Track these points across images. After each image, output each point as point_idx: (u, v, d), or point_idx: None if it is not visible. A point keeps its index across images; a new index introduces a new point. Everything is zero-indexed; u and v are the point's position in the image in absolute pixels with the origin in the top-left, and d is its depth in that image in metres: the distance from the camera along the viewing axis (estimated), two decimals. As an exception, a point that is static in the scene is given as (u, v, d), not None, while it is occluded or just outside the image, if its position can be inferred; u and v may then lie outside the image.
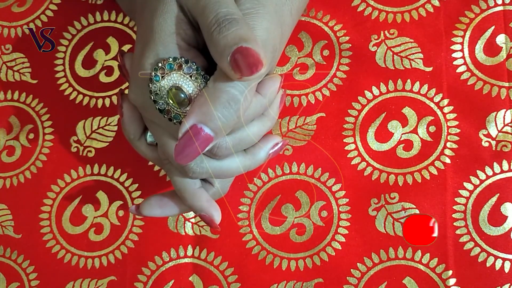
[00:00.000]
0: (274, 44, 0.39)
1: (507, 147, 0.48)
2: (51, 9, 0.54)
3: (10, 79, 0.53)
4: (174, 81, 0.36)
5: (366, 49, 0.50)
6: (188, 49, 0.38)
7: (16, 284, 0.50)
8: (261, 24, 0.38)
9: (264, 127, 0.41)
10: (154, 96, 0.37)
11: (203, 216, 0.42)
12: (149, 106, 0.38)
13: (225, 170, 0.41)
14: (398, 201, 0.48)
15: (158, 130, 0.40)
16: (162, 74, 0.36)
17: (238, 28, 0.35)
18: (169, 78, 0.36)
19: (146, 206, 0.43)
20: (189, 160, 0.36)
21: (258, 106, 0.40)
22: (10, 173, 0.52)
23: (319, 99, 0.50)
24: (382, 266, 0.48)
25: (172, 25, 0.38)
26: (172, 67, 0.36)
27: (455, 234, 0.47)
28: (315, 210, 0.49)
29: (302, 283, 0.48)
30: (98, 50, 0.53)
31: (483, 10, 0.50)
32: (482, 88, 0.49)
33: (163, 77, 0.36)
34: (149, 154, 0.42)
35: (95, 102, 0.52)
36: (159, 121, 0.39)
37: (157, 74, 0.36)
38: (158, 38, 0.37)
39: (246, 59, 0.34)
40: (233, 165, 0.41)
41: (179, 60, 0.37)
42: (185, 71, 0.36)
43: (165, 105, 0.37)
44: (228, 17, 0.36)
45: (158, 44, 0.37)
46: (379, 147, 0.49)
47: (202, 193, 0.42)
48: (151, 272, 0.49)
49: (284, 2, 0.41)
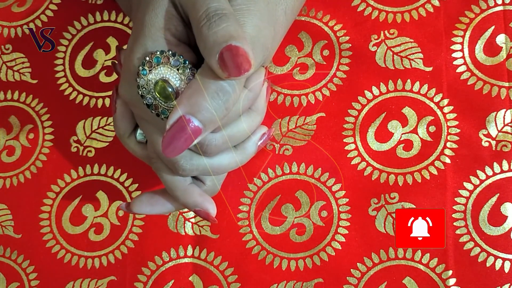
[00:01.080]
0: (265, 42, 0.39)
1: (507, 147, 0.48)
2: (51, 9, 0.54)
3: (10, 79, 0.53)
4: (162, 75, 0.36)
5: (366, 49, 0.50)
6: (178, 44, 0.38)
7: (16, 284, 0.50)
8: (251, 21, 0.37)
9: (254, 122, 0.41)
10: (141, 91, 0.36)
11: (198, 211, 0.41)
12: (137, 101, 0.38)
13: (216, 167, 0.40)
14: (398, 201, 0.48)
15: (147, 126, 0.39)
16: (150, 68, 0.36)
17: (228, 25, 0.35)
18: (156, 72, 0.36)
19: (136, 203, 0.43)
20: (177, 153, 0.35)
21: (246, 101, 0.39)
22: (10, 173, 0.52)
23: (319, 99, 0.50)
24: (382, 266, 0.48)
25: (162, 20, 0.37)
26: (159, 61, 0.36)
27: (455, 234, 0.47)
28: (315, 210, 0.49)
29: (302, 283, 0.48)
30: (98, 50, 0.53)
31: (483, 10, 0.50)
32: (482, 88, 0.49)
33: (150, 71, 0.36)
34: (138, 152, 0.42)
35: (95, 102, 0.52)
36: (148, 117, 0.38)
37: (144, 68, 0.36)
38: (148, 32, 0.37)
39: (235, 58, 0.34)
40: (223, 161, 0.40)
41: (166, 53, 0.36)
42: (172, 63, 0.36)
43: (152, 100, 0.36)
44: (218, 12, 0.35)
45: (147, 38, 0.37)
46: (379, 147, 0.49)
47: (194, 189, 0.41)
48: (151, 272, 0.49)
49: (278, 1, 0.41)
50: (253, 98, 0.40)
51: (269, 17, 0.39)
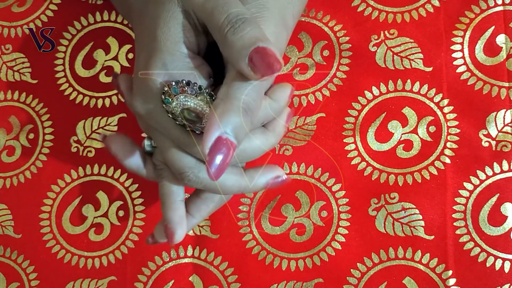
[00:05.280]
0: (281, 48, 0.39)
1: (507, 147, 0.48)
2: (51, 9, 0.54)
3: (10, 79, 0.53)
4: (183, 103, 0.37)
5: (366, 49, 0.50)
6: (194, 57, 0.38)
7: (16, 284, 0.50)
8: (268, 28, 0.38)
9: (268, 142, 0.40)
10: (171, 115, 0.37)
11: (166, 228, 0.41)
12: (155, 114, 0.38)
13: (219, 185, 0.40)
14: (398, 201, 0.48)
15: (158, 136, 0.39)
16: (170, 97, 0.37)
17: (252, 28, 0.36)
18: (177, 102, 0.37)
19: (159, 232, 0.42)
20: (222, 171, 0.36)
21: (269, 110, 0.39)
22: (10, 173, 0.52)
23: (319, 99, 0.50)
24: (382, 266, 0.48)
25: (177, 34, 0.38)
26: (177, 91, 0.37)
27: (455, 234, 0.47)
28: (315, 210, 0.49)
29: (302, 283, 0.48)
30: (98, 50, 0.53)
31: (483, 10, 0.50)
32: (482, 88, 0.49)
33: (172, 100, 0.37)
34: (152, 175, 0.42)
35: (95, 102, 0.52)
36: (161, 128, 0.39)
37: (166, 97, 0.37)
38: (164, 47, 0.37)
39: (265, 58, 0.35)
40: (228, 181, 0.40)
41: (181, 83, 0.37)
42: (189, 92, 0.37)
43: (183, 122, 0.37)
44: (241, 17, 0.36)
45: (165, 54, 0.37)
46: (379, 147, 0.49)
47: (179, 206, 0.41)
48: (151, 272, 0.49)
49: (286, 5, 0.41)
50: (277, 109, 0.40)
51: (282, 22, 0.40)
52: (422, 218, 0.48)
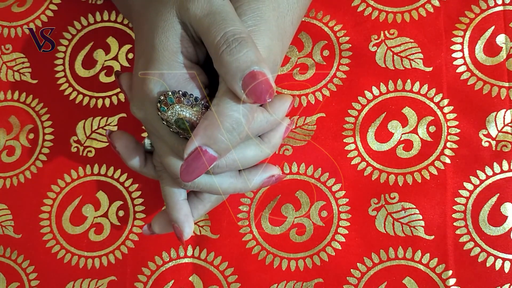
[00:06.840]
0: (275, 59, 0.39)
1: (507, 147, 0.48)
2: (51, 9, 0.54)
3: (10, 79, 0.53)
4: (177, 112, 0.37)
5: (366, 49, 0.50)
6: (192, 66, 0.39)
7: (16, 284, 0.50)
8: (262, 42, 0.38)
9: (262, 153, 0.41)
10: (166, 122, 0.38)
11: (174, 227, 0.42)
12: (151, 120, 0.39)
13: (216, 187, 0.41)
14: (398, 201, 0.48)
15: (156, 140, 0.40)
16: (166, 106, 0.37)
17: (248, 50, 0.36)
18: (172, 111, 0.37)
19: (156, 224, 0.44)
20: (193, 178, 0.37)
21: (264, 122, 0.40)
22: (10, 173, 0.52)
23: (319, 99, 0.50)
24: (382, 266, 0.48)
25: (174, 44, 0.38)
26: (173, 101, 0.37)
27: (455, 234, 0.47)
28: (315, 210, 0.49)
29: (302, 283, 0.48)
30: (98, 50, 0.53)
31: (483, 10, 0.50)
32: (482, 88, 0.49)
33: (168, 109, 0.37)
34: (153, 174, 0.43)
35: (95, 102, 0.52)
36: (158, 134, 0.39)
37: (162, 106, 0.37)
38: (162, 57, 0.38)
39: (260, 86, 0.35)
40: (223, 184, 0.41)
41: (177, 93, 0.37)
42: (185, 103, 0.37)
43: (176, 130, 0.38)
44: (237, 37, 0.36)
45: (162, 63, 0.38)
46: (379, 147, 0.49)
47: (183, 206, 0.42)
48: (151, 272, 0.49)
49: (286, 13, 0.41)
50: (273, 122, 0.41)
51: (279, 32, 0.40)
52: (422, 218, 0.48)
